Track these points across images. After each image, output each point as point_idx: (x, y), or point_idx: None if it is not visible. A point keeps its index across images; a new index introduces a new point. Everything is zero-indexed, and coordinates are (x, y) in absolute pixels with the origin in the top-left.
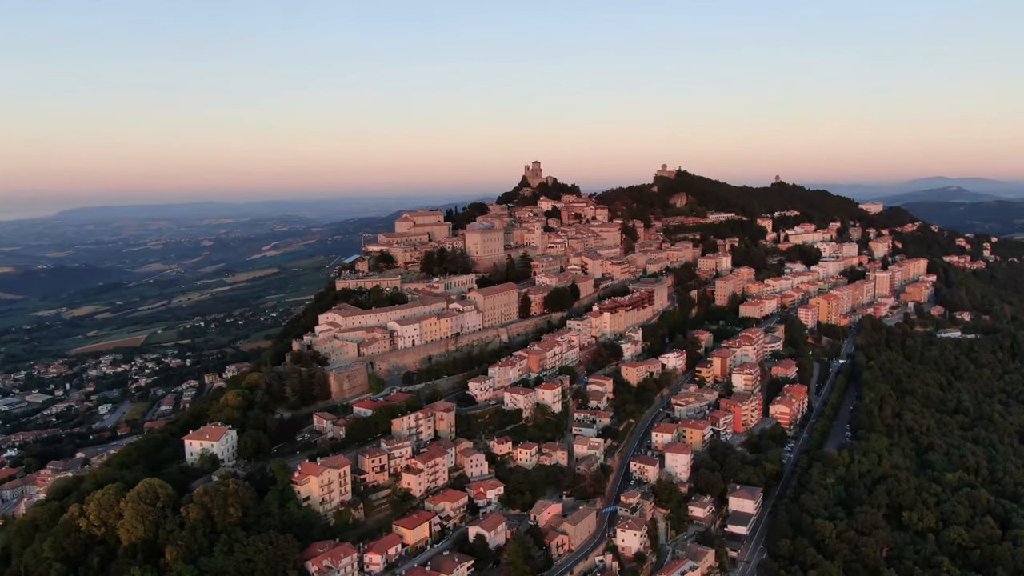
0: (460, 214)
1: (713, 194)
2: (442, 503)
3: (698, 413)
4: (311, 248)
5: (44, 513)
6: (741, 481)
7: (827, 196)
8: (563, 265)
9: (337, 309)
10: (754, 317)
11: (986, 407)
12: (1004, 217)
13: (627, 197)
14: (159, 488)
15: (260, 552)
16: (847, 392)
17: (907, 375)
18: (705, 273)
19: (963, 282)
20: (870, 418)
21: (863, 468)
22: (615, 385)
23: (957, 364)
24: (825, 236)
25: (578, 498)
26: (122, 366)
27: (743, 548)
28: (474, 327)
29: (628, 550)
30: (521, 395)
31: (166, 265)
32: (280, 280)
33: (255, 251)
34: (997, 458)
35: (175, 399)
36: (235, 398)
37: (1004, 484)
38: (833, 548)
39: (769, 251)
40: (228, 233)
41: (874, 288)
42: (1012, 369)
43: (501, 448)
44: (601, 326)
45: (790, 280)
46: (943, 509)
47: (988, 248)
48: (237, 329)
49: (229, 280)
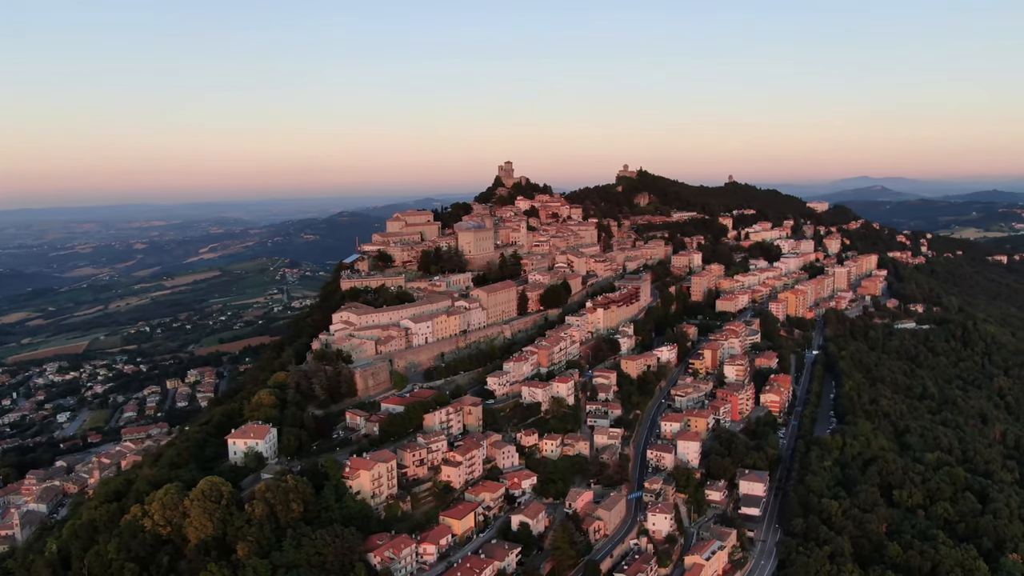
0: (445, 213)
1: (674, 194)
2: (482, 494)
3: (696, 403)
4: (251, 250)
5: (103, 515)
6: (748, 466)
7: (777, 195)
8: (551, 263)
9: (351, 308)
10: (730, 311)
11: (948, 392)
12: (928, 215)
13: (595, 197)
14: (221, 486)
15: (328, 545)
16: (825, 381)
17: (875, 364)
18: (679, 270)
19: (911, 276)
20: (852, 404)
21: (855, 451)
22: (618, 378)
23: (917, 353)
24: (781, 234)
25: (605, 486)
26: (71, 373)
27: (757, 528)
28: (479, 324)
29: (659, 533)
30: (539, 388)
31: (97, 269)
32: (223, 283)
33: (191, 254)
34: (966, 439)
35: (138, 405)
36: (269, 397)
37: (975, 463)
38: (840, 525)
39: (732, 248)
40: (161, 236)
41: (833, 283)
42: (965, 357)
43: (528, 440)
44: (595, 322)
45: (757, 276)
46: (928, 487)
47: (925, 244)
48: (186, 333)
49: (169, 284)
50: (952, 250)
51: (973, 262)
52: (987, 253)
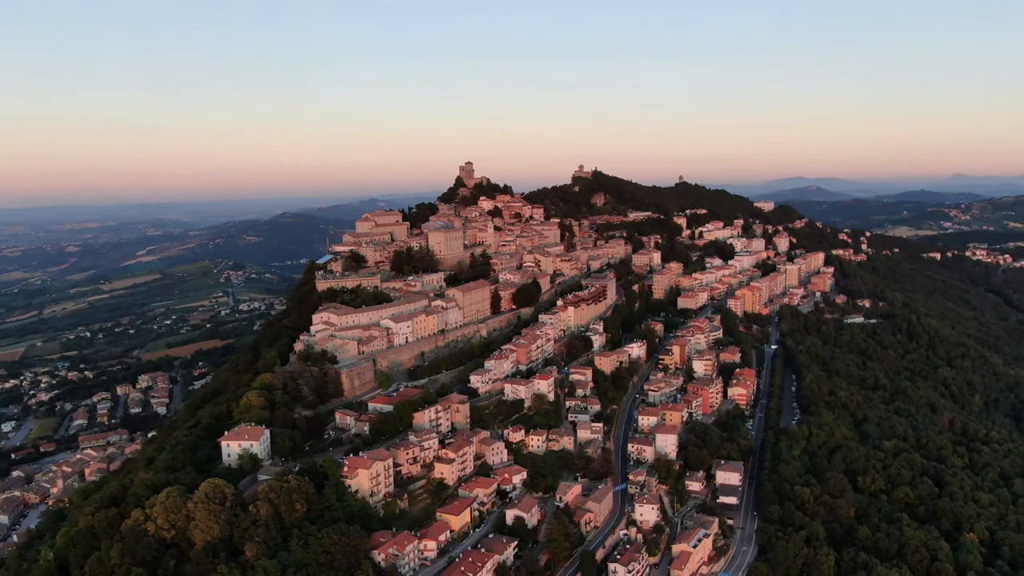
0: (411, 214)
1: (629, 193)
2: (476, 490)
3: (669, 397)
4: (192, 252)
5: (101, 520)
6: (723, 457)
7: (726, 195)
8: (519, 263)
9: (330, 308)
10: (691, 308)
11: (899, 383)
12: (862, 214)
13: (554, 197)
14: (224, 488)
15: (335, 544)
16: (785, 374)
17: (830, 357)
18: (640, 268)
19: (856, 273)
20: (814, 396)
21: (820, 440)
22: (593, 374)
23: (867, 346)
24: (733, 232)
25: (591, 479)
26: (10, 381)
27: (736, 516)
28: (456, 323)
29: (646, 523)
30: (522, 386)
31: (28, 273)
32: (165, 286)
33: (128, 256)
34: (919, 427)
35: (88, 413)
36: (258, 399)
37: (929, 449)
38: (813, 511)
39: (688, 247)
40: (95, 238)
41: (785, 280)
42: (911, 349)
43: (515, 436)
44: (567, 320)
45: (714, 274)
46: (889, 472)
47: (865, 242)
48: (129, 338)
49: (107, 288)
50: (889, 248)
51: (910, 259)
52: (921, 251)
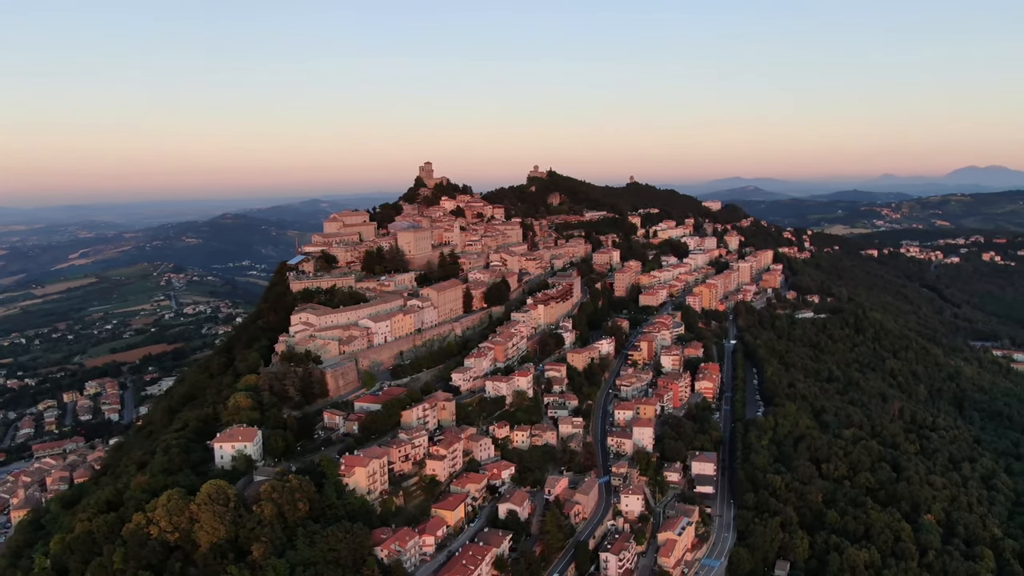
0: (376, 213)
1: (583, 193)
2: (468, 485)
3: (641, 392)
4: (128, 255)
5: (101, 525)
6: (697, 448)
7: (675, 195)
8: (486, 262)
9: (308, 309)
10: (653, 305)
11: (851, 374)
12: (799, 213)
13: (512, 197)
14: (227, 489)
15: (340, 541)
16: (746, 368)
17: (786, 351)
18: (600, 267)
19: (803, 269)
20: (776, 388)
21: (785, 430)
22: (567, 370)
23: (818, 340)
24: (685, 231)
25: (576, 472)
26: None
27: (713, 505)
28: (432, 322)
29: (632, 513)
30: (503, 383)
31: None
32: (102, 290)
33: (60, 260)
34: (872, 416)
35: (35, 421)
36: (247, 400)
37: (883, 436)
38: (784, 497)
39: (644, 246)
40: (23, 241)
41: (738, 277)
42: (859, 342)
43: (500, 432)
44: (537, 318)
45: (671, 272)
46: (850, 459)
47: (808, 240)
48: (68, 344)
49: (39, 292)
50: (830, 245)
51: (849, 256)
52: (859, 248)
